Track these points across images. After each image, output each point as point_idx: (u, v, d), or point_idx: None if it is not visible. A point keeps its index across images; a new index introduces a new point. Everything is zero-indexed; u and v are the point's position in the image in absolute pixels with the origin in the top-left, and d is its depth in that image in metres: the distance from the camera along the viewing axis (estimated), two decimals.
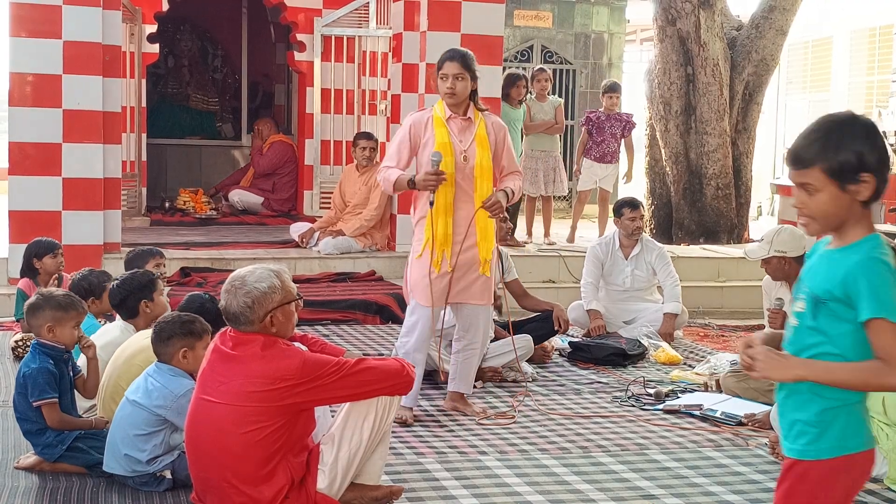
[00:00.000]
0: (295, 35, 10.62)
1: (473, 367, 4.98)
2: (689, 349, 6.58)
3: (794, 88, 15.78)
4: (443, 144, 4.63)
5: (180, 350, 3.79)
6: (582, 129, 9.50)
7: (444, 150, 4.62)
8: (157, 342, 3.83)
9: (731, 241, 10.27)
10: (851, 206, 2.22)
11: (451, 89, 4.63)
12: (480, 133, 4.70)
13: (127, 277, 4.55)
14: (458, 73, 4.63)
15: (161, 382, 3.75)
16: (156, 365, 3.84)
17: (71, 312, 3.97)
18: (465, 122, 4.72)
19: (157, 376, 3.79)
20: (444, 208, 4.65)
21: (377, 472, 3.59)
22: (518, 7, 13.88)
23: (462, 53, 4.72)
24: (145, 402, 3.72)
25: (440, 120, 4.70)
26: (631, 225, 6.73)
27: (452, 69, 4.63)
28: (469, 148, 4.68)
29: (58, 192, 7.35)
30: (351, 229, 8.28)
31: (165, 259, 5.72)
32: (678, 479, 4.05)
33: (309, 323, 6.83)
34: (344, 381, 3.34)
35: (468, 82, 4.67)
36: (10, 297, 6.59)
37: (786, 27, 10.49)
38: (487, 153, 4.69)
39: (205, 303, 4.30)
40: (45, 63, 7.27)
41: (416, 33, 8.12)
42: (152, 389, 3.74)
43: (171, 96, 13.16)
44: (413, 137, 4.72)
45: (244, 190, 11.17)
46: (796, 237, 5.18)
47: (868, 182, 2.19)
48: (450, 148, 4.64)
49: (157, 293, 4.49)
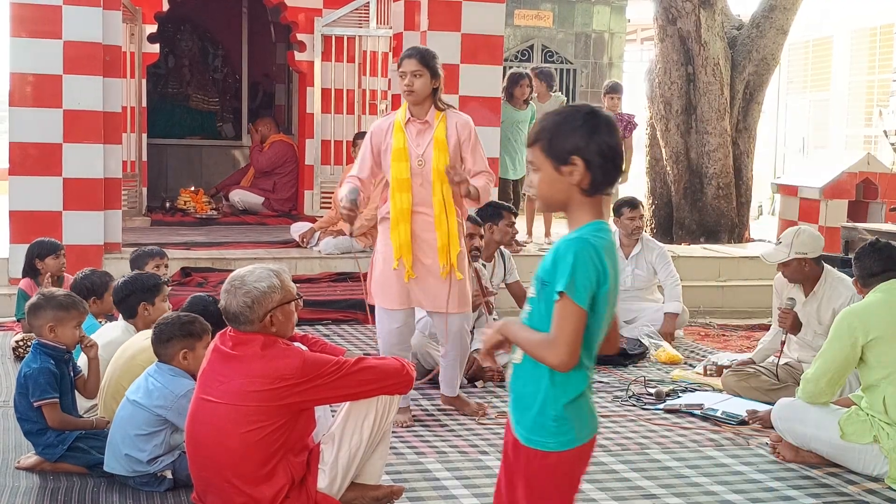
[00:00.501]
0: (295, 35, 10.62)
1: (456, 373, 4.93)
2: (690, 349, 6.58)
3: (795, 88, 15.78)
4: (398, 150, 4.56)
5: (180, 351, 3.79)
6: None
7: (398, 157, 4.56)
8: (157, 343, 3.83)
9: (731, 241, 10.27)
10: (570, 191, 2.28)
11: (408, 87, 4.52)
12: (438, 136, 4.57)
13: (133, 277, 4.56)
14: (415, 69, 4.50)
15: (161, 382, 3.76)
16: (156, 365, 3.84)
17: (72, 312, 3.97)
18: (422, 125, 4.60)
19: (158, 376, 3.79)
20: (402, 214, 4.58)
21: (378, 472, 3.59)
22: (518, 7, 13.89)
23: (421, 50, 4.61)
24: (146, 402, 3.72)
25: (399, 125, 4.61)
26: (630, 224, 6.73)
27: (410, 66, 4.52)
28: (425, 152, 4.57)
29: (58, 193, 7.35)
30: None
31: (167, 259, 5.72)
32: (679, 478, 4.05)
33: (309, 322, 6.84)
34: (344, 380, 3.34)
35: (427, 79, 4.53)
36: (11, 298, 6.59)
37: (786, 26, 10.49)
38: (444, 155, 4.55)
39: (208, 305, 4.27)
40: (45, 63, 7.27)
41: (416, 33, 8.11)
42: (153, 389, 3.74)
43: (172, 96, 13.16)
44: (374, 146, 4.67)
45: (245, 190, 11.18)
46: (815, 238, 5.16)
47: (577, 166, 2.25)
48: (405, 153, 4.56)
49: (160, 298, 4.48)
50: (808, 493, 3.90)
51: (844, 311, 4.19)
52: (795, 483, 4.02)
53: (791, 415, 4.26)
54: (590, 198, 2.28)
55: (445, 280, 4.63)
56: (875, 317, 4.04)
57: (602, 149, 2.25)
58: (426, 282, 4.64)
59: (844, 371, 4.11)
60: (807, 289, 5.19)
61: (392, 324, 4.69)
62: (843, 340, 4.05)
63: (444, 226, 4.58)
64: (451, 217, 4.59)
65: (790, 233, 5.18)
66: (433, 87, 4.57)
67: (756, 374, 5.24)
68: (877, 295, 4.13)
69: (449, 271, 4.60)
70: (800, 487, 3.97)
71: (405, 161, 4.56)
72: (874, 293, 4.14)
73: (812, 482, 4.03)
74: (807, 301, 5.14)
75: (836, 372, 4.09)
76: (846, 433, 4.07)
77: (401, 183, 4.57)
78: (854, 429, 4.06)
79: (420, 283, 4.64)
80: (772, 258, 5.19)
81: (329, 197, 9.70)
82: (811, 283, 5.18)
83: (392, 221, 4.60)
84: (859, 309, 4.12)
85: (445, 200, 4.57)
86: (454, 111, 4.72)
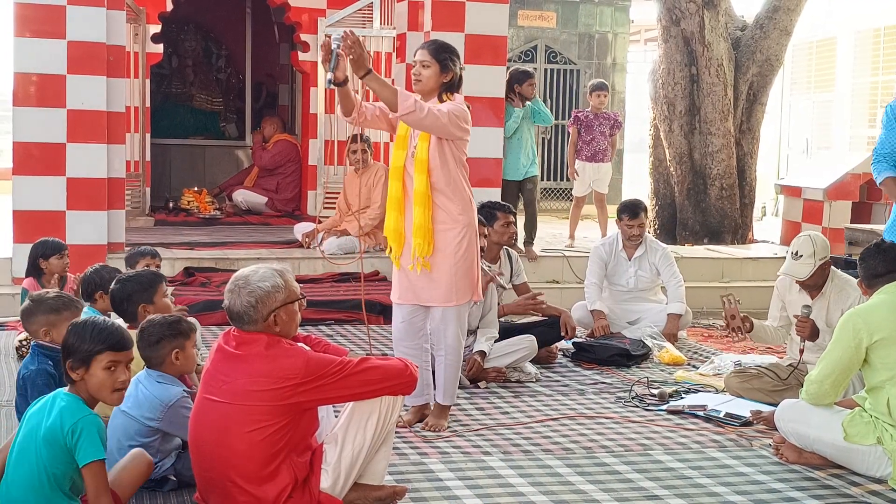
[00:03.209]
0: (299, 35, 10.63)
1: (451, 376, 4.67)
2: (693, 350, 6.58)
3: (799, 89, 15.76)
4: (400, 137, 4.51)
5: (171, 352, 3.74)
6: (570, 129, 9.43)
7: (399, 144, 4.49)
8: (145, 347, 3.74)
9: (735, 242, 10.26)
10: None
11: (415, 76, 4.47)
12: None
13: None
14: (423, 59, 4.44)
15: (151, 391, 3.69)
16: (146, 371, 3.77)
17: (64, 313, 3.92)
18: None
19: (147, 384, 3.71)
20: (394, 202, 4.51)
21: (380, 472, 3.59)
22: (522, 7, 13.87)
23: (436, 42, 4.55)
24: (136, 412, 3.66)
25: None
26: (628, 231, 6.72)
27: (419, 56, 4.47)
28: (416, 141, 4.49)
29: (62, 192, 7.35)
30: (355, 229, 8.28)
31: (159, 260, 5.67)
32: (682, 479, 4.04)
33: (313, 323, 6.84)
34: (347, 380, 3.34)
35: (435, 71, 4.44)
36: (15, 297, 6.61)
37: (790, 27, 10.48)
38: (425, 144, 4.43)
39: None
40: (49, 63, 7.27)
41: (419, 33, 8.11)
42: (143, 399, 3.68)
43: (175, 96, 13.17)
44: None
45: (248, 190, 11.18)
46: (825, 241, 5.13)
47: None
48: (405, 142, 4.51)
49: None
50: (812, 495, 3.90)
51: (849, 312, 4.18)
52: (798, 484, 4.01)
53: (794, 416, 4.25)
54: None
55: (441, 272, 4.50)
56: (880, 318, 4.03)
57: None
58: (418, 274, 4.52)
59: (848, 373, 4.10)
60: (813, 292, 5.18)
61: (396, 317, 4.68)
62: (848, 342, 4.04)
63: (418, 218, 4.45)
64: (425, 211, 4.44)
65: (806, 243, 5.05)
66: (442, 80, 4.46)
67: (759, 376, 5.24)
68: (881, 296, 4.12)
69: (420, 264, 4.47)
70: (803, 489, 3.96)
71: (403, 149, 4.52)
72: (879, 294, 4.13)
73: (815, 483, 4.03)
74: (814, 303, 5.13)
75: (841, 374, 4.09)
76: (850, 435, 4.06)
77: (396, 171, 4.52)
78: (857, 430, 4.05)
79: (412, 274, 4.54)
80: (801, 273, 5.07)
81: (332, 197, 9.70)
82: (819, 287, 5.16)
83: (387, 209, 4.55)
84: (864, 310, 4.11)
85: (420, 192, 4.44)
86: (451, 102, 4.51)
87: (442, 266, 4.52)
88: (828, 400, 4.16)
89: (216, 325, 6.51)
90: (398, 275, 4.63)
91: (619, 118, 9.46)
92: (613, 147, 9.45)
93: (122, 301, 4.28)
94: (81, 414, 3.03)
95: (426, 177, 4.44)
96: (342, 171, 10.08)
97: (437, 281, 4.53)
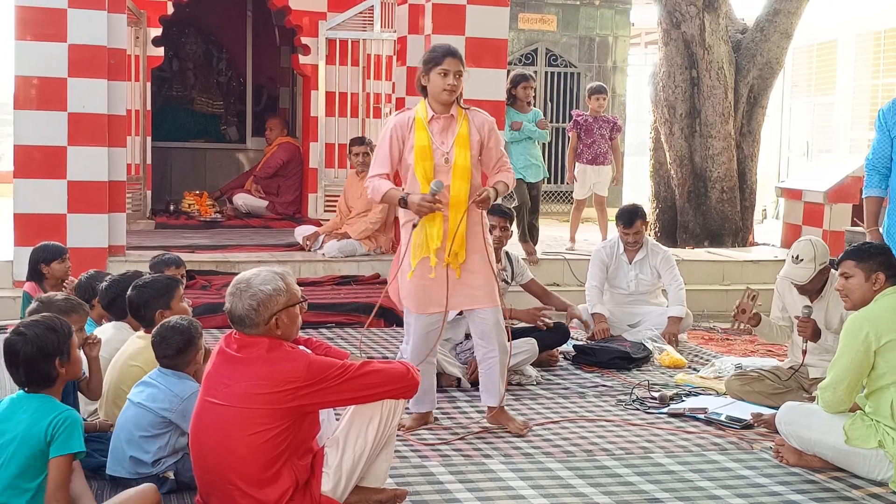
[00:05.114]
0: (300, 38, 10.63)
1: (497, 377, 4.69)
2: (694, 352, 6.58)
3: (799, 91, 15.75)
4: (422, 148, 4.50)
5: (195, 355, 3.85)
6: (570, 133, 9.42)
7: (423, 155, 4.49)
8: (172, 357, 3.82)
9: (735, 245, 10.26)
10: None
11: (452, 86, 4.47)
12: (462, 132, 4.53)
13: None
14: (458, 70, 4.47)
15: (166, 385, 3.77)
16: (159, 370, 3.85)
17: (73, 316, 3.92)
18: (447, 121, 4.54)
19: (161, 379, 3.81)
20: (434, 214, 4.50)
21: (382, 476, 3.59)
22: (522, 10, 13.89)
23: (457, 50, 4.56)
24: (150, 404, 3.74)
25: (421, 122, 4.54)
26: (624, 238, 6.72)
27: (454, 65, 4.46)
28: (451, 150, 4.53)
29: (63, 195, 7.36)
30: (356, 232, 8.29)
31: (184, 269, 5.43)
32: (683, 482, 4.04)
33: (313, 326, 6.84)
34: (349, 383, 3.34)
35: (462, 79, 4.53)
36: (16, 300, 6.61)
37: (790, 30, 10.49)
38: (467, 153, 4.52)
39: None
40: (50, 66, 7.28)
41: (420, 36, 8.11)
42: (157, 392, 3.76)
43: (176, 99, 13.18)
44: (398, 140, 4.57)
45: (248, 194, 11.19)
46: (825, 245, 5.15)
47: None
48: (429, 151, 4.51)
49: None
50: (812, 498, 3.90)
51: (853, 317, 4.17)
52: (799, 487, 4.01)
53: (795, 419, 4.25)
54: None
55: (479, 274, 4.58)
56: (885, 321, 4.03)
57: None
58: (456, 279, 4.56)
59: (861, 377, 4.09)
60: (812, 294, 5.18)
61: (419, 329, 4.65)
62: (857, 346, 4.04)
63: (456, 225, 4.51)
64: (460, 215, 4.51)
65: (807, 248, 5.07)
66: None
67: (760, 379, 5.24)
68: (884, 300, 4.12)
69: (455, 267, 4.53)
70: (804, 492, 3.96)
71: (429, 159, 4.52)
72: (882, 298, 4.13)
73: (816, 486, 4.03)
74: (813, 305, 5.13)
75: (853, 379, 4.08)
76: (850, 438, 4.06)
77: (427, 181, 4.51)
78: (859, 434, 4.05)
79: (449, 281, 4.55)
80: (800, 277, 5.09)
81: (333, 201, 9.71)
82: (818, 291, 5.17)
83: (425, 223, 4.51)
84: (869, 314, 4.11)
85: (460, 199, 4.51)
86: (475, 110, 4.66)
87: (480, 267, 4.60)
88: (844, 406, 4.14)
89: (217, 328, 6.49)
90: (426, 284, 4.56)
91: (619, 121, 9.47)
92: (616, 151, 9.44)
93: (139, 307, 4.25)
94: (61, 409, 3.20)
95: (467, 184, 4.51)
96: (343, 174, 10.10)
97: (477, 283, 4.60)
